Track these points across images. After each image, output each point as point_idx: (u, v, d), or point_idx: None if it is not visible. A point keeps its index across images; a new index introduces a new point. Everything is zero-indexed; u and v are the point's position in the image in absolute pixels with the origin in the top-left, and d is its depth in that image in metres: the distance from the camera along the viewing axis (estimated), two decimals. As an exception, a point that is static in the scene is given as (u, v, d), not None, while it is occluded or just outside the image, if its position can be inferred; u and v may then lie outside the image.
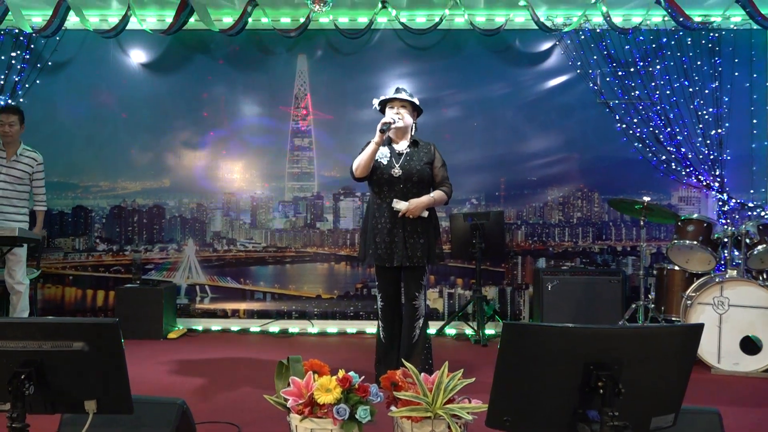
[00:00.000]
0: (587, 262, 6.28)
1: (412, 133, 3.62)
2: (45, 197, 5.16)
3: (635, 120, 6.14)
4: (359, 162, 3.66)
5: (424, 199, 3.45)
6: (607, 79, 6.15)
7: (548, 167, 6.46)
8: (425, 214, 3.46)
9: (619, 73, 6.10)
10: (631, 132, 6.18)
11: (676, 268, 5.15)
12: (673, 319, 5.03)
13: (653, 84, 6.08)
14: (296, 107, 6.45)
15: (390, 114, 3.61)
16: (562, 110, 6.31)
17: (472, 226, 5.86)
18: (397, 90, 3.64)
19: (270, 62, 6.35)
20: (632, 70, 6.09)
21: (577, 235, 6.42)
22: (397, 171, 3.45)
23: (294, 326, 6.21)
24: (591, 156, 6.31)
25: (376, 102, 3.74)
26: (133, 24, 5.84)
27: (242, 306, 6.39)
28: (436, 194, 3.53)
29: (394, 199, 3.44)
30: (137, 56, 6.27)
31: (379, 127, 3.57)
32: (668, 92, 6.04)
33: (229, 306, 6.40)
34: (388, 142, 3.75)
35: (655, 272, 5.42)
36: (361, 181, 3.79)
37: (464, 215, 6.08)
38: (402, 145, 3.62)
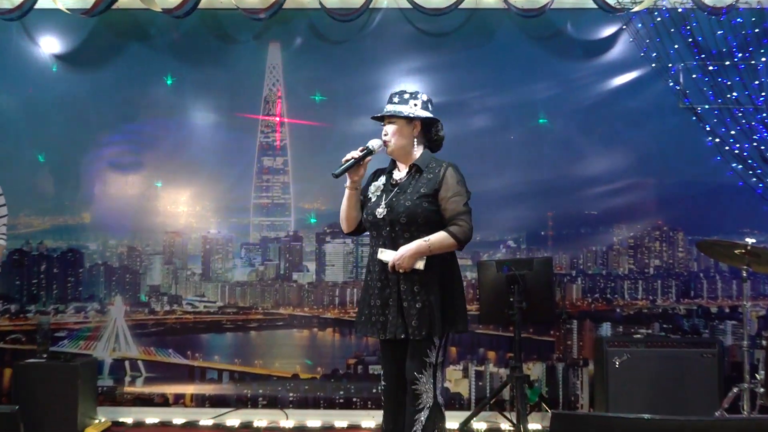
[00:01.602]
0: (669, 329, 6.11)
1: (416, 154, 3.39)
2: None
3: (732, 132, 5.92)
4: (341, 214, 3.46)
5: (414, 245, 3.14)
6: (693, 75, 5.99)
7: (613, 197, 6.26)
8: (419, 265, 3.16)
9: (710, 68, 5.90)
10: (727, 148, 5.95)
11: (795, 336, 4.66)
12: (790, 408, 4.58)
13: (756, 83, 5.87)
14: (266, 114, 6.38)
15: (371, 141, 3.38)
16: (632, 119, 6.17)
17: (508, 278, 5.44)
18: (389, 99, 3.46)
19: (231, 53, 6.32)
20: (727, 63, 5.88)
21: (655, 291, 6.26)
22: (381, 210, 3.26)
23: (261, 418, 5.98)
24: (672, 181, 6.18)
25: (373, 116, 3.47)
26: (43, 2, 5.73)
27: (189, 389, 6.17)
28: (435, 237, 3.16)
29: (380, 249, 3.28)
30: (49, 45, 6.19)
31: (340, 167, 3.29)
32: (778, 94, 5.53)
33: (171, 389, 6.16)
34: (391, 168, 3.53)
35: (764, 342, 5.08)
36: (354, 235, 3.59)
37: (498, 263, 5.67)
38: (403, 172, 3.43)
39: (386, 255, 3.18)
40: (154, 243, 6.38)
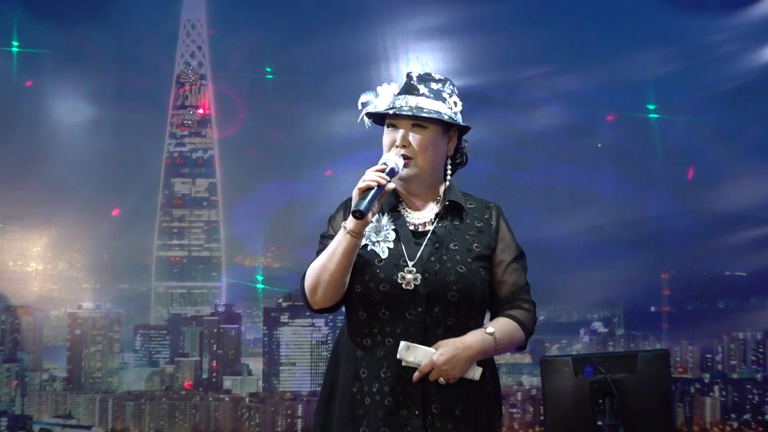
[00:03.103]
0: None
1: (446, 182, 2.45)
2: None
3: None
4: (317, 276, 2.32)
5: (474, 340, 2.25)
6: None
7: None
8: (475, 374, 2.24)
9: None
10: None
11: None
12: None
13: None
14: (179, 107, 6.01)
15: (386, 156, 2.36)
16: None
17: (595, 386, 3.60)
18: (409, 84, 2.38)
19: (120, 2, 5.92)
20: None
21: None
22: (411, 276, 2.27)
23: None
24: None
25: (363, 104, 2.34)
26: None
27: None
28: (502, 328, 2.25)
29: (403, 343, 2.27)
30: None
31: (353, 201, 2.29)
32: None
33: None
34: (393, 207, 2.46)
35: None
36: (326, 313, 2.50)
37: (576, 361, 3.94)
38: (426, 214, 2.41)
39: (417, 354, 2.27)
40: (-9, 320, 6.07)
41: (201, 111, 6.13)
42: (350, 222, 2.32)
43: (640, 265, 5.75)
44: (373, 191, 2.28)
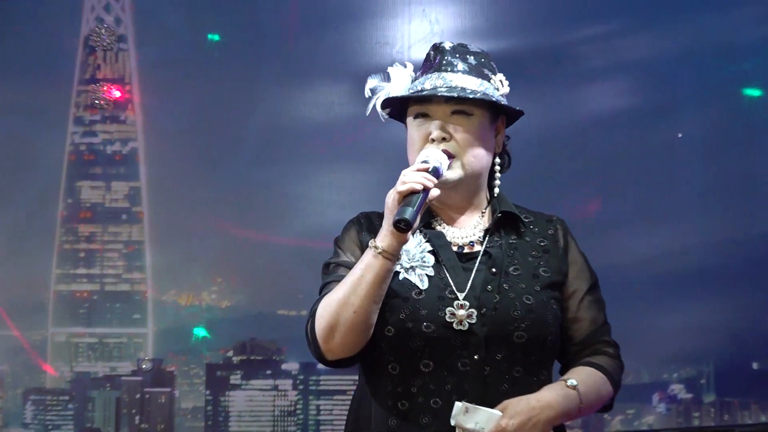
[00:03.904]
0: None
1: (496, 189, 2.24)
2: None
3: None
4: (335, 313, 2.15)
5: (553, 397, 2.06)
6: None
7: None
8: None
9: None
10: None
11: None
12: None
13: None
14: (87, 81, 5.55)
15: (423, 154, 2.06)
16: None
17: None
18: (441, 57, 2.17)
19: None
20: None
21: None
22: (463, 313, 2.10)
23: None
24: None
25: (372, 91, 2.06)
26: None
27: None
28: (586, 380, 2.01)
29: (459, 404, 2.09)
30: None
31: (391, 209, 2.00)
32: None
33: None
34: (426, 222, 2.22)
35: None
36: (341, 366, 2.13)
37: None
38: (469, 228, 2.23)
39: (479, 418, 2.02)
40: None
41: (116, 92, 5.64)
42: (385, 238, 2.01)
43: (740, 304, 5.23)
44: (418, 197, 1.97)
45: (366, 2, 5.68)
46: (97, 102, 5.40)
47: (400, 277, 2.35)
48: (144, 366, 5.42)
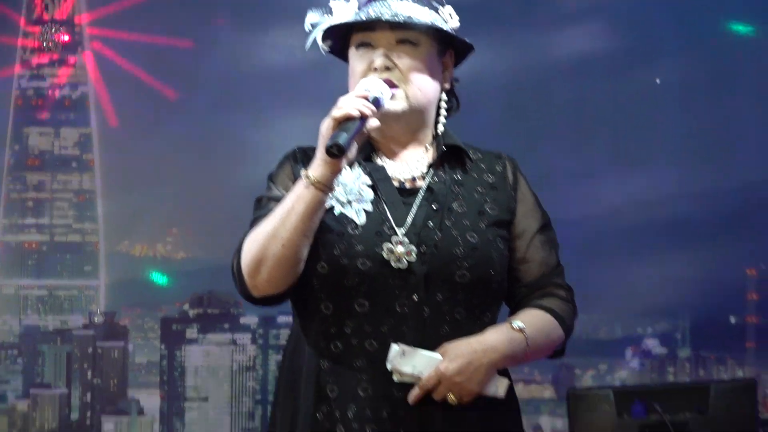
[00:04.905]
0: None
1: (440, 126, 1.78)
2: None
3: None
4: (262, 246, 1.56)
5: (496, 339, 1.66)
6: None
7: None
8: (499, 389, 1.64)
9: None
10: None
11: None
12: None
13: None
14: (34, 21, 5.27)
15: (364, 83, 1.66)
16: None
17: (644, 430, 2.91)
18: None
19: None
20: None
21: None
22: (401, 249, 1.68)
23: None
24: None
25: (313, 25, 1.61)
26: None
27: None
28: (534, 321, 1.65)
29: (395, 347, 1.66)
30: None
31: (324, 135, 1.48)
32: None
33: None
34: (365, 156, 1.76)
35: None
36: (270, 304, 1.62)
37: (619, 395, 3.11)
38: (412, 163, 1.82)
39: (416, 361, 1.66)
40: None
41: (68, 29, 5.21)
42: (318, 167, 1.89)
43: (717, 257, 4.97)
44: (353, 124, 1.87)
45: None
46: (45, 44, 5.17)
47: (336, 211, 2.35)
48: (96, 319, 5.35)
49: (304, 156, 2.04)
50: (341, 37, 2.06)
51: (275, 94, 4.64)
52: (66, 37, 4.84)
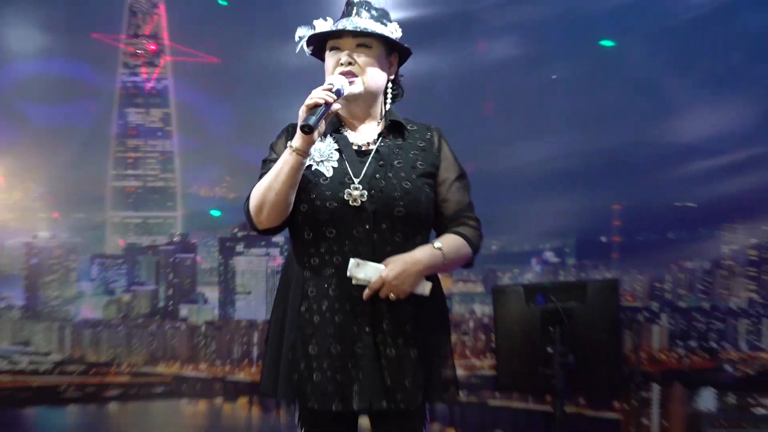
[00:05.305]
0: None
1: (386, 105, 2.74)
2: None
3: None
4: (262, 196, 2.57)
5: (422, 255, 2.52)
6: None
7: (725, 179, 6.05)
8: (425, 289, 2.53)
9: None
10: None
11: None
12: None
13: None
14: (132, 34, 6.35)
15: (331, 78, 2.58)
16: (760, 48, 6.02)
17: (545, 314, 4.14)
18: (349, 9, 2.67)
19: None
20: None
21: None
22: (357, 193, 2.54)
23: None
24: None
25: (301, 37, 2.63)
26: None
27: None
28: (449, 243, 2.55)
29: (352, 261, 2.53)
30: None
31: (300, 118, 2.48)
32: None
33: None
34: (335, 129, 2.75)
35: None
36: (271, 234, 2.73)
37: (527, 289, 4.36)
38: (367, 134, 2.69)
39: (367, 271, 2.60)
40: (-62, 255, 6.29)
41: (154, 45, 6.28)
42: (297, 139, 2.52)
43: (591, 197, 6.02)
44: (320, 109, 2.51)
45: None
46: (138, 51, 6.36)
47: (313, 168, 2.67)
48: (175, 239, 6.50)
49: (294, 129, 2.40)
50: (319, 44, 2.47)
51: (296, 84, 5.55)
52: (153, 47, 5.99)
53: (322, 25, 2.74)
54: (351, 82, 2.64)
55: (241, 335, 6.23)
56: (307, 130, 2.48)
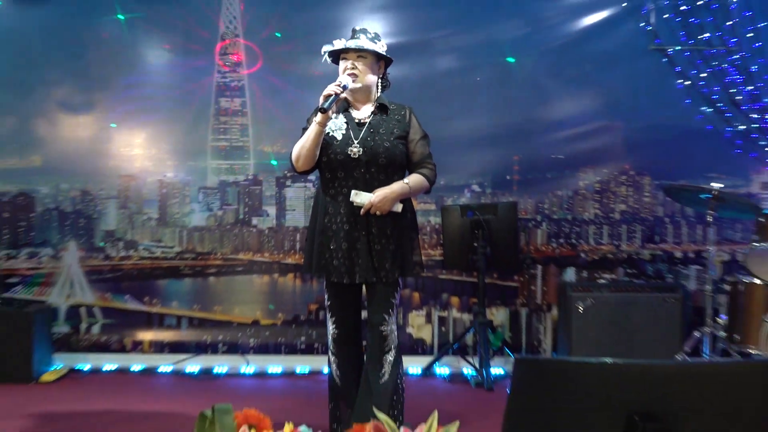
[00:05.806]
0: (634, 274, 6.93)
1: (377, 93, 3.89)
2: None
3: (703, 74, 6.81)
4: (299, 151, 3.79)
5: (396, 187, 3.68)
6: (665, 15, 6.77)
7: (581, 141, 7.10)
8: (398, 208, 3.67)
9: (682, 8, 6.70)
10: (697, 91, 6.82)
11: (757, 281, 5.59)
12: (751, 351, 5.51)
13: (729, 23, 6.68)
14: (223, 53, 7.20)
15: (341, 77, 3.86)
16: (602, 60, 6.96)
17: (473, 223, 6.37)
18: (354, 34, 3.89)
19: None
20: (700, 3, 6.69)
21: (620, 236, 7.11)
22: (356, 149, 3.67)
23: (222, 364, 6.77)
24: (641, 125, 6.97)
25: (325, 51, 3.99)
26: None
27: (148, 336, 6.98)
28: (413, 179, 3.80)
29: (353, 191, 3.64)
30: (-8, -22, 6.56)
31: (320, 103, 3.68)
32: (751, 35, 6.65)
33: (129, 336, 7.00)
34: (345, 108, 3.93)
35: (727, 288, 5.80)
36: (306, 175, 3.95)
37: (462, 207, 6.59)
38: (364, 112, 3.88)
39: (362, 197, 3.64)
40: (108, 187, 7.31)
41: (236, 58, 7.24)
42: (317, 117, 3.50)
43: (501, 152, 7.26)
44: (332, 97, 3.51)
45: (343, 20, 6.87)
46: (227, 63, 7.35)
47: (330, 134, 3.65)
48: (249, 177, 7.37)
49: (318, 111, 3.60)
50: (336, 55, 3.81)
51: (319, 92, 4.75)
52: (234, 61, 6.82)
53: (338, 44, 3.82)
54: (354, 80, 3.70)
55: (290, 236, 7.29)
56: (321, 111, 3.42)
